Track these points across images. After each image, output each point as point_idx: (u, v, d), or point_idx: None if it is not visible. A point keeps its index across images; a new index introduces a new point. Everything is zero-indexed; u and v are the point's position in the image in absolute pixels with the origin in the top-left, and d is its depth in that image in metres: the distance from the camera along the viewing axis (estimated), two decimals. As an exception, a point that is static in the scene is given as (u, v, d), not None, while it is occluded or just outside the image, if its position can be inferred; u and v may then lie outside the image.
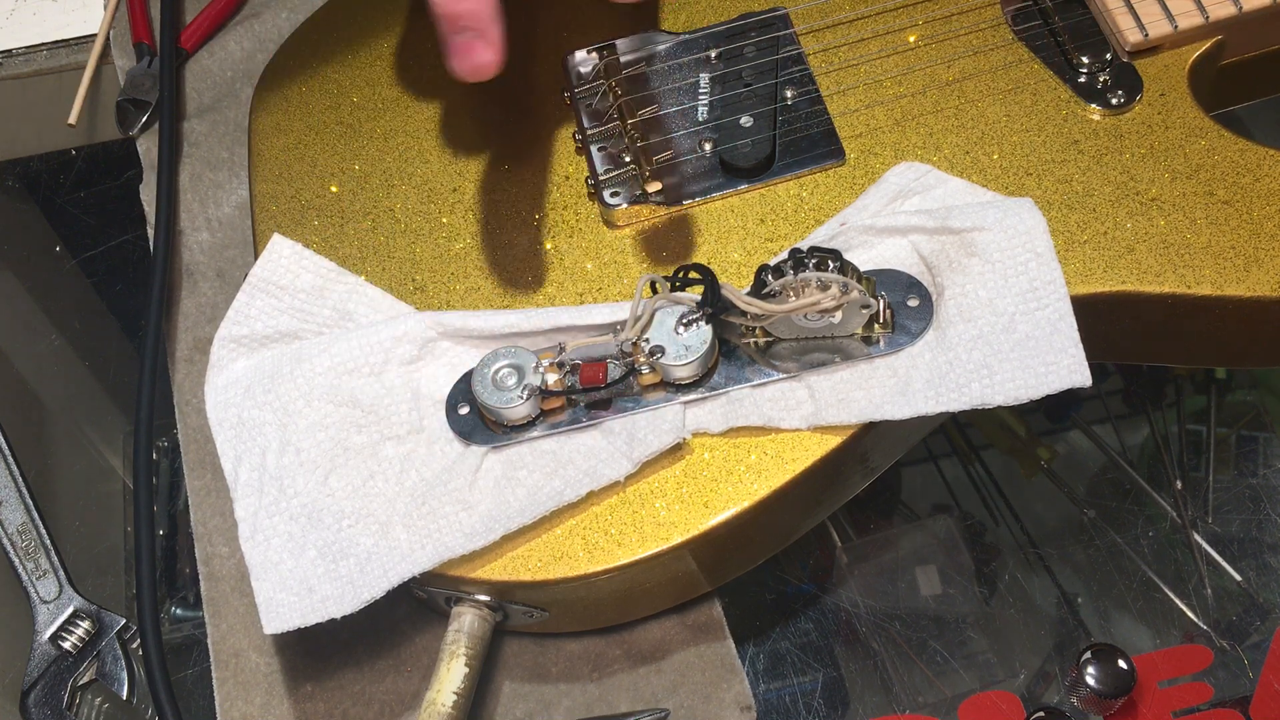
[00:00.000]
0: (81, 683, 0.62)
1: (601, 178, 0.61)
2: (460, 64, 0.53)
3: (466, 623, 0.56)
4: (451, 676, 0.55)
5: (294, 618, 0.53)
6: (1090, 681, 0.56)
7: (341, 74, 0.67)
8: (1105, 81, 0.61)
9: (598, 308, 0.57)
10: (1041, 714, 0.57)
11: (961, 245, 0.56)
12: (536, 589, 0.54)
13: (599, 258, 0.60)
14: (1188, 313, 0.57)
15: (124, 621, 0.63)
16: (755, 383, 0.55)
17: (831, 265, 0.53)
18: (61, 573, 0.64)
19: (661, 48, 0.65)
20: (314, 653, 0.60)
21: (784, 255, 0.54)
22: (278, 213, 0.63)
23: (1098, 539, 0.64)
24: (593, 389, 0.55)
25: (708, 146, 0.62)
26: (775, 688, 0.61)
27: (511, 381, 0.55)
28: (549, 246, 0.61)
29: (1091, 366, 0.53)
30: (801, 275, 0.53)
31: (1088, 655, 0.56)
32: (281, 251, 0.59)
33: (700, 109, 0.63)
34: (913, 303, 0.56)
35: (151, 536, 0.61)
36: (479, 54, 0.52)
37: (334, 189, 0.63)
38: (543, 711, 0.59)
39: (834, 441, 0.54)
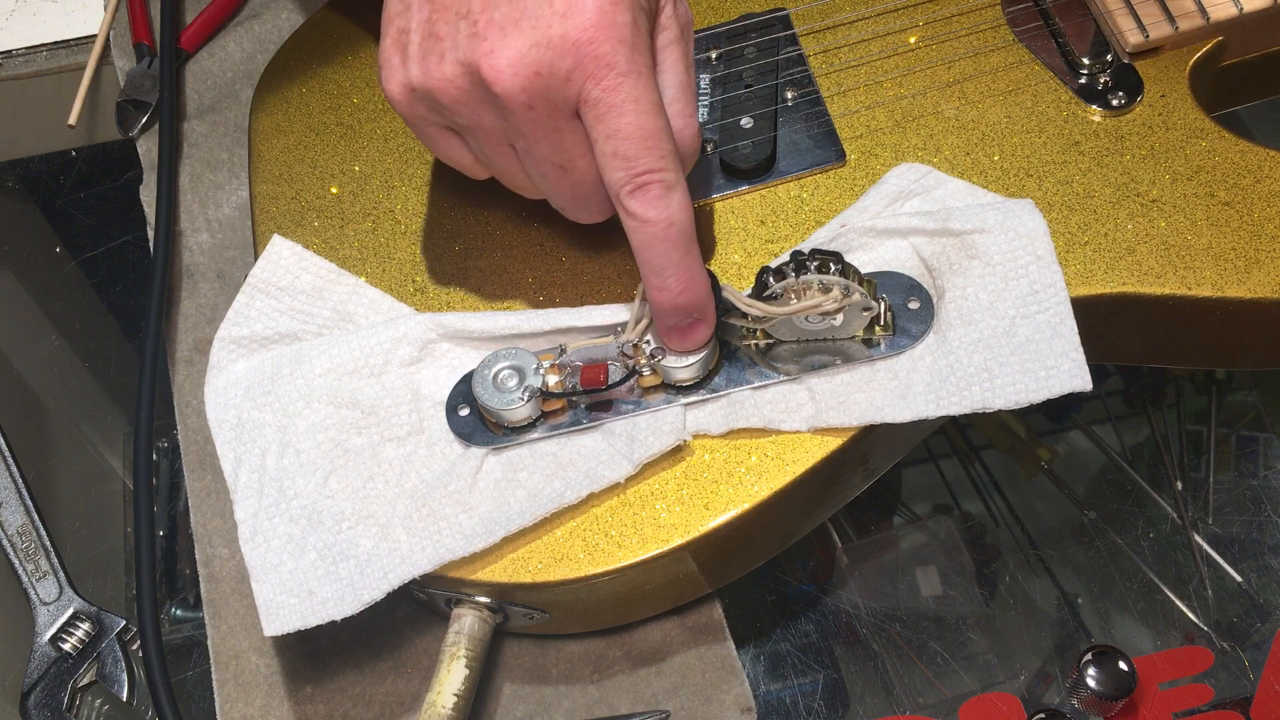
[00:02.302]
0: (82, 684, 0.62)
1: (602, 179, 0.61)
2: (680, 343, 0.54)
3: (467, 624, 0.56)
4: (451, 678, 0.55)
5: (294, 619, 0.53)
6: (1091, 683, 0.56)
7: (341, 74, 0.67)
8: (1106, 83, 0.61)
9: (598, 309, 0.57)
10: (1042, 715, 0.57)
11: (962, 247, 0.56)
12: (537, 590, 0.54)
13: (600, 259, 0.60)
14: (1188, 314, 0.57)
15: (124, 623, 0.63)
16: (756, 385, 0.55)
17: (833, 267, 0.53)
18: (61, 574, 0.64)
19: (662, 48, 0.65)
20: (314, 654, 0.60)
21: (785, 257, 0.54)
22: (278, 214, 0.63)
23: (1098, 540, 0.64)
24: (593, 390, 0.55)
25: (708, 148, 0.62)
26: (775, 689, 0.61)
27: (512, 383, 0.55)
28: (549, 248, 0.61)
29: (1091, 367, 0.53)
30: (803, 277, 0.53)
31: (1088, 657, 0.56)
32: (281, 253, 0.59)
33: (700, 110, 0.63)
34: (913, 305, 0.56)
35: (151, 537, 0.61)
36: (700, 333, 0.54)
37: (334, 190, 0.63)
38: (543, 713, 0.59)
39: (834, 443, 0.54)
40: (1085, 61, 0.61)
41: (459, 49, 0.50)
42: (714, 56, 0.64)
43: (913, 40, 0.64)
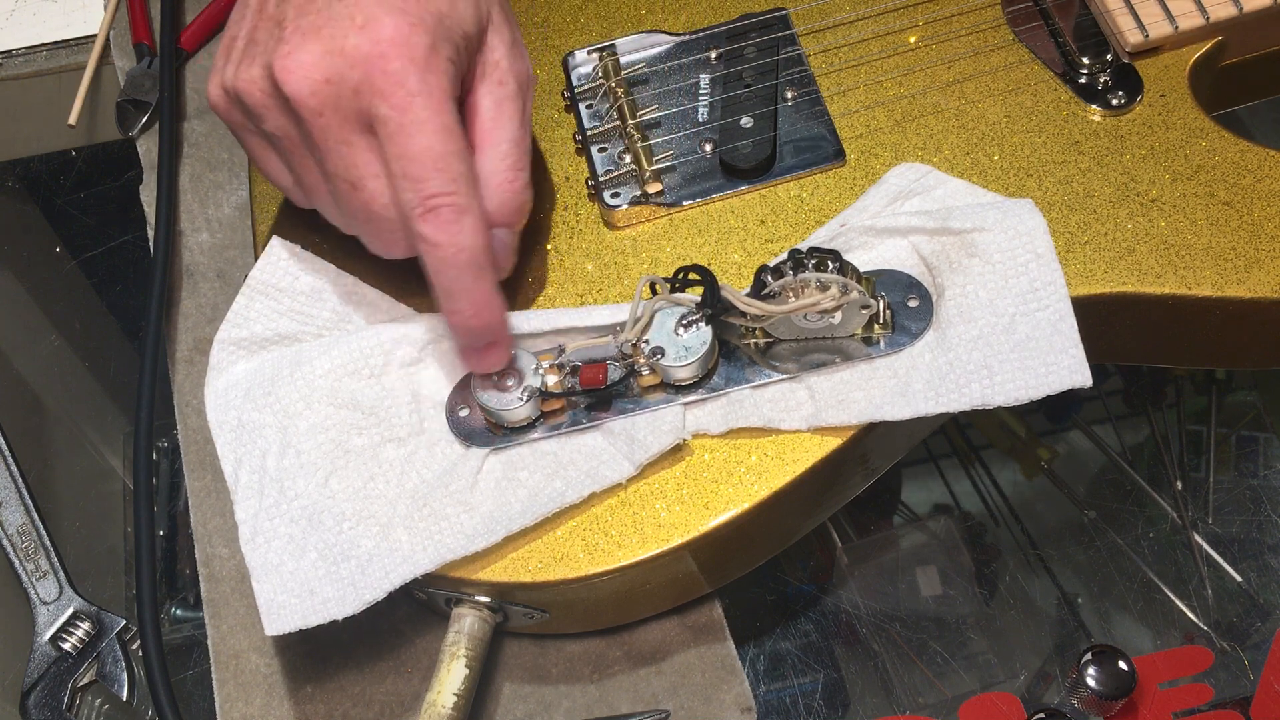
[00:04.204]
0: (82, 684, 0.62)
1: (602, 179, 0.61)
2: (475, 365, 0.55)
3: (467, 624, 0.56)
4: (451, 678, 0.55)
5: (295, 619, 0.53)
6: (1091, 683, 0.56)
7: (341, 74, 0.67)
8: (1106, 82, 0.61)
9: (598, 309, 0.57)
10: (1042, 715, 0.57)
11: (962, 246, 0.56)
12: (537, 590, 0.54)
13: (599, 259, 0.60)
14: (1188, 314, 0.57)
15: (124, 622, 0.63)
16: (755, 384, 0.55)
17: (831, 266, 0.53)
18: (61, 574, 0.64)
19: (662, 48, 0.65)
20: (314, 654, 0.60)
21: (784, 256, 0.54)
22: (278, 214, 0.63)
23: (1098, 540, 0.64)
24: (593, 390, 0.55)
25: (708, 147, 0.62)
26: (775, 689, 0.61)
27: (511, 383, 0.55)
28: (549, 248, 0.61)
29: (1092, 367, 0.53)
30: (801, 276, 0.53)
31: (1088, 656, 0.56)
32: (280, 254, 0.59)
33: (700, 110, 0.63)
34: (913, 303, 0.56)
35: (151, 537, 0.61)
36: (493, 357, 0.54)
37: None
38: (543, 713, 0.59)
39: (834, 442, 0.54)
40: (1085, 61, 0.61)
41: (266, 53, 0.51)
42: (714, 56, 0.64)
43: (912, 40, 0.64)
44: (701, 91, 0.63)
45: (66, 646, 0.63)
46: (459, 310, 0.52)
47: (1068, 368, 0.53)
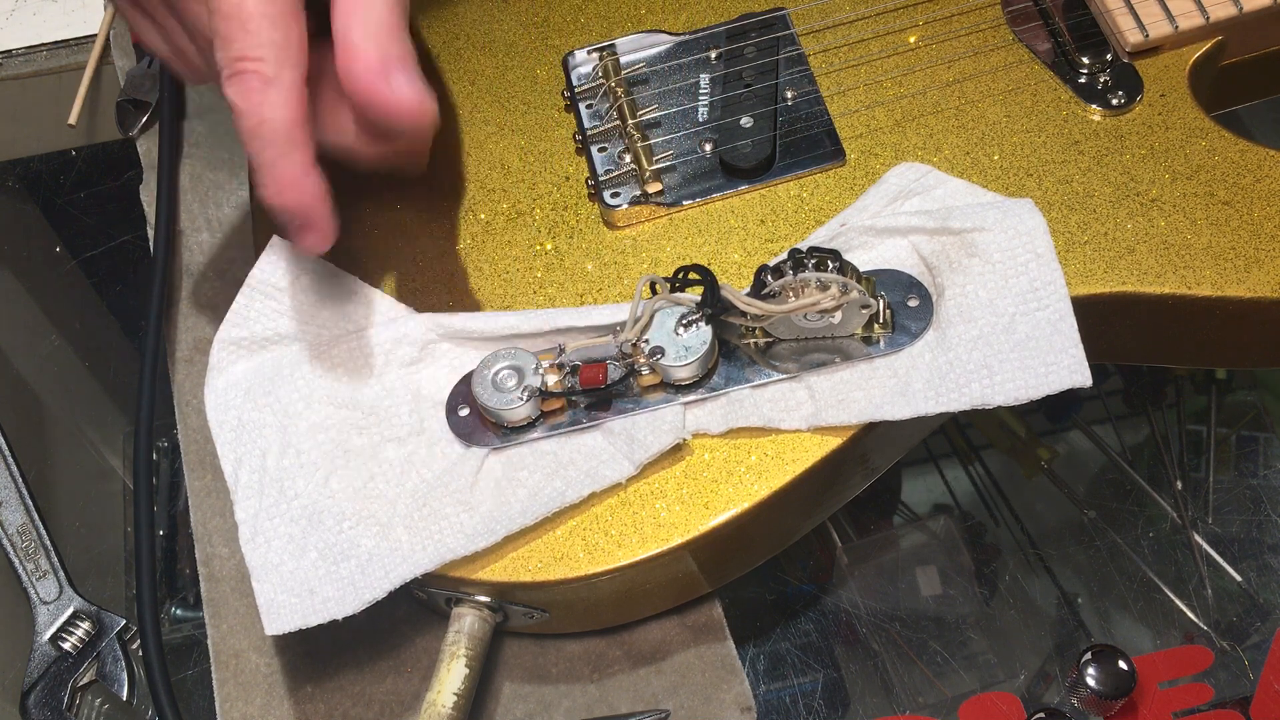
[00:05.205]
0: (81, 684, 0.62)
1: (602, 178, 0.61)
2: (295, 245, 0.52)
3: (467, 624, 0.56)
4: (451, 677, 0.55)
5: (295, 619, 0.53)
6: (1090, 682, 0.56)
7: (341, 74, 0.67)
8: (1106, 82, 0.61)
9: (598, 309, 0.57)
10: (1042, 715, 0.57)
11: (962, 246, 0.56)
12: (537, 590, 0.54)
13: (599, 258, 0.60)
14: (1188, 314, 0.57)
15: (124, 622, 0.63)
16: (755, 383, 0.55)
17: (831, 265, 0.53)
18: (61, 573, 0.64)
19: (662, 48, 0.65)
20: (314, 653, 0.60)
21: (784, 256, 0.54)
22: (278, 213, 0.63)
23: (1098, 539, 0.64)
24: (593, 390, 0.55)
25: (708, 147, 0.62)
26: (775, 688, 0.61)
27: (511, 383, 0.55)
28: (549, 247, 0.61)
29: (1091, 367, 0.53)
30: (801, 275, 0.53)
31: (1088, 656, 0.56)
32: (280, 253, 0.59)
33: (700, 109, 0.63)
34: (913, 303, 0.56)
35: (151, 537, 0.61)
36: (309, 239, 0.51)
37: (333, 190, 0.63)
38: (543, 712, 0.59)
39: (834, 442, 0.54)
40: (1085, 61, 0.61)
41: None
42: (714, 56, 0.64)
43: (912, 40, 0.64)
44: (701, 91, 0.63)
45: (66, 646, 0.63)
46: (263, 185, 0.49)
47: (1068, 368, 0.53)
